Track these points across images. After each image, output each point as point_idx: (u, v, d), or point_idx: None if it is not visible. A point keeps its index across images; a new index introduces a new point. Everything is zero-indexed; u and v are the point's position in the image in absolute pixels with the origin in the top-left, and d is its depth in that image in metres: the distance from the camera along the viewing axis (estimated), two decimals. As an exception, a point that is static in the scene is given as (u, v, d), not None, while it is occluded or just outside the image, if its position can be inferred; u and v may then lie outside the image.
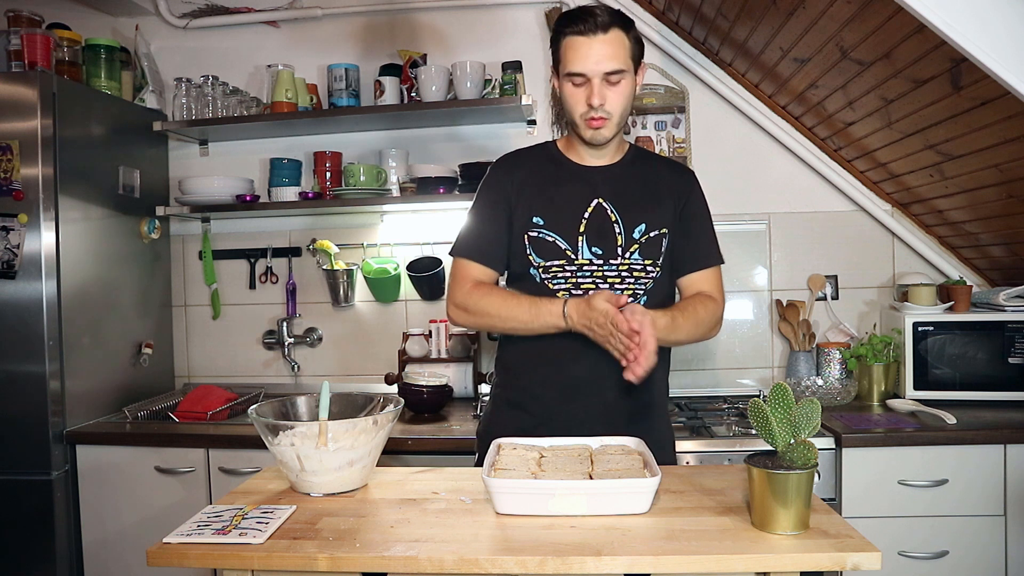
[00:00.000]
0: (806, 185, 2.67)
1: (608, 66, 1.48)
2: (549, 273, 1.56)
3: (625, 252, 1.55)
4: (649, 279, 1.57)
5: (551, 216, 1.56)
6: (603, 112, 1.50)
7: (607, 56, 1.47)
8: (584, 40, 1.47)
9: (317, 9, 2.78)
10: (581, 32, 1.47)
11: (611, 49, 1.47)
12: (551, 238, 1.56)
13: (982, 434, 1.99)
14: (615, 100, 1.51)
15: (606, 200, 1.57)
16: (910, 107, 2.01)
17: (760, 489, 1.10)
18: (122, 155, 2.57)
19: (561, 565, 1.03)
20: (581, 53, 1.48)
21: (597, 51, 1.47)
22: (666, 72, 2.69)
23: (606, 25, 1.47)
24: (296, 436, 1.29)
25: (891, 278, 2.66)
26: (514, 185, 1.61)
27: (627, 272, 1.55)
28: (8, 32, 2.32)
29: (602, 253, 1.55)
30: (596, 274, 1.55)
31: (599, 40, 1.47)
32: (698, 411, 2.38)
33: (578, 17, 1.48)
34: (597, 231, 1.55)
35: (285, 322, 2.78)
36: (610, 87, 1.50)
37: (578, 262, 1.55)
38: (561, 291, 1.55)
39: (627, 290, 1.55)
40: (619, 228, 1.56)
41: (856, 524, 1.18)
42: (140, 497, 2.25)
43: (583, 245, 1.55)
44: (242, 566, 1.09)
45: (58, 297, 2.21)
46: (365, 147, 2.80)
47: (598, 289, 1.54)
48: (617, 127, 1.55)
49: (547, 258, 1.56)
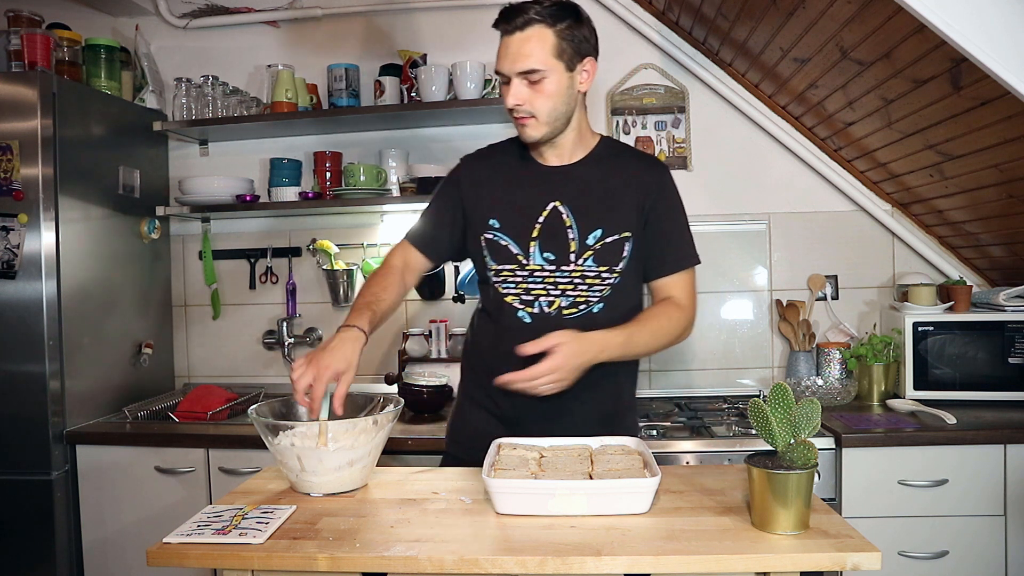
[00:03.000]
0: (806, 185, 2.67)
1: (522, 65, 1.42)
2: (500, 277, 1.54)
3: (578, 258, 1.51)
4: (605, 286, 1.52)
5: (506, 219, 1.54)
6: (524, 112, 1.46)
7: (522, 55, 1.42)
8: (505, 39, 1.45)
9: (317, 9, 2.78)
10: (504, 30, 1.45)
11: (527, 48, 1.42)
12: (504, 242, 1.54)
13: (982, 434, 1.99)
14: (538, 100, 1.45)
15: (563, 203, 1.52)
16: (910, 107, 2.01)
17: (760, 489, 1.10)
18: (122, 155, 2.57)
19: (561, 565, 1.03)
20: (501, 52, 1.46)
21: (513, 50, 1.43)
22: (666, 72, 2.69)
23: (524, 23, 1.42)
24: (296, 436, 1.29)
25: (891, 278, 2.66)
26: (472, 185, 1.60)
27: (580, 279, 1.51)
28: (8, 32, 2.32)
29: (554, 259, 1.51)
30: (547, 280, 1.52)
31: (516, 39, 1.43)
32: (698, 411, 2.37)
33: (504, 14, 1.45)
34: (551, 236, 1.51)
35: (285, 322, 2.78)
36: (531, 86, 1.44)
37: (529, 267, 1.52)
38: (511, 296, 1.53)
39: (579, 297, 1.51)
40: (573, 233, 1.51)
41: (856, 524, 1.18)
42: (140, 497, 2.25)
43: (535, 250, 1.52)
44: (242, 566, 1.09)
45: (58, 297, 2.21)
46: (365, 147, 2.80)
47: (548, 296, 1.51)
48: (547, 127, 1.48)
49: (500, 262, 1.54)
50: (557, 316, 1.52)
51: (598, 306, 1.53)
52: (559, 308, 1.52)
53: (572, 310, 1.52)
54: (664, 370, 2.71)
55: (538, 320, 1.52)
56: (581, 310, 1.52)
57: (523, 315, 1.53)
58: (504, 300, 1.54)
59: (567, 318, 1.52)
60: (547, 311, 1.52)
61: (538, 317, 1.52)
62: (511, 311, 1.54)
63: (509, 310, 1.54)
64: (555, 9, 1.44)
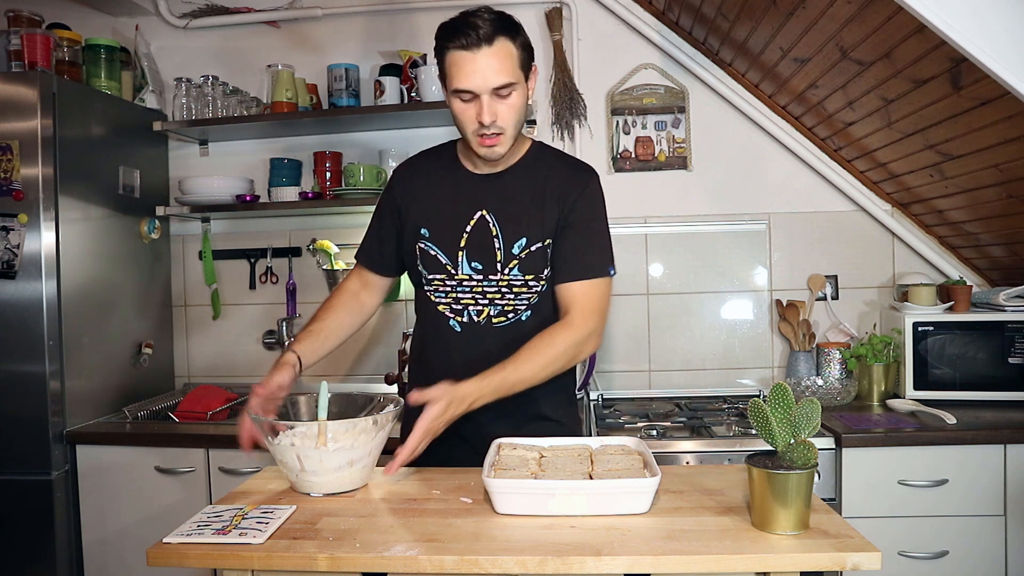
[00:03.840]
0: (806, 185, 2.67)
1: (496, 80, 1.38)
2: (432, 286, 1.55)
3: (504, 268, 1.51)
4: (533, 294, 1.52)
5: (436, 229, 1.54)
6: (495, 128, 1.42)
7: (494, 71, 1.37)
8: (469, 55, 1.37)
9: (317, 9, 2.78)
10: (465, 47, 1.36)
11: (498, 62, 1.37)
12: (434, 251, 1.54)
13: (982, 434, 1.99)
14: (507, 114, 1.42)
15: (490, 212, 1.52)
16: (910, 107, 2.01)
17: (760, 489, 1.10)
18: (122, 155, 2.57)
19: (561, 565, 1.03)
20: (466, 70, 1.37)
21: (483, 65, 1.37)
22: (666, 72, 2.69)
23: (490, 37, 1.36)
24: (296, 436, 1.29)
25: (891, 278, 2.66)
26: (407, 194, 1.60)
27: (507, 288, 1.51)
28: (8, 32, 2.32)
29: (482, 268, 1.51)
30: (476, 290, 1.52)
31: (484, 54, 1.36)
32: (698, 411, 2.37)
33: (459, 30, 1.37)
34: (478, 246, 1.51)
35: (285, 322, 2.78)
36: (500, 100, 1.41)
37: (458, 277, 1.52)
38: (442, 305, 1.55)
39: (508, 306, 1.52)
40: (499, 243, 1.51)
41: (856, 524, 1.18)
42: (140, 497, 2.25)
43: (463, 260, 1.52)
44: (242, 566, 1.09)
45: (58, 297, 2.21)
46: (365, 147, 2.80)
47: (477, 305, 1.52)
48: (512, 140, 1.47)
49: (431, 271, 1.55)
50: (487, 325, 1.53)
51: (526, 314, 1.54)
52: (488, 317, 1.53)
53: (501, 319, 1.53)
54: (664, 370, 2.71)
55: (468, 329, 1.53)
56: (510, 318, 1.53)
57: (454, 324, 1.54)
58: (437, 309, 1.56)
59: (496, 326, 1.53)
60: (476, 320, 1.53)
61: (467, 326, 1.54)
62: (443, 320, 1.55)
63: (441, 319, 1.55)
64: (508, 21, 1.41)
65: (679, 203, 2.71)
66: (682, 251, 2.71)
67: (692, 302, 2.71)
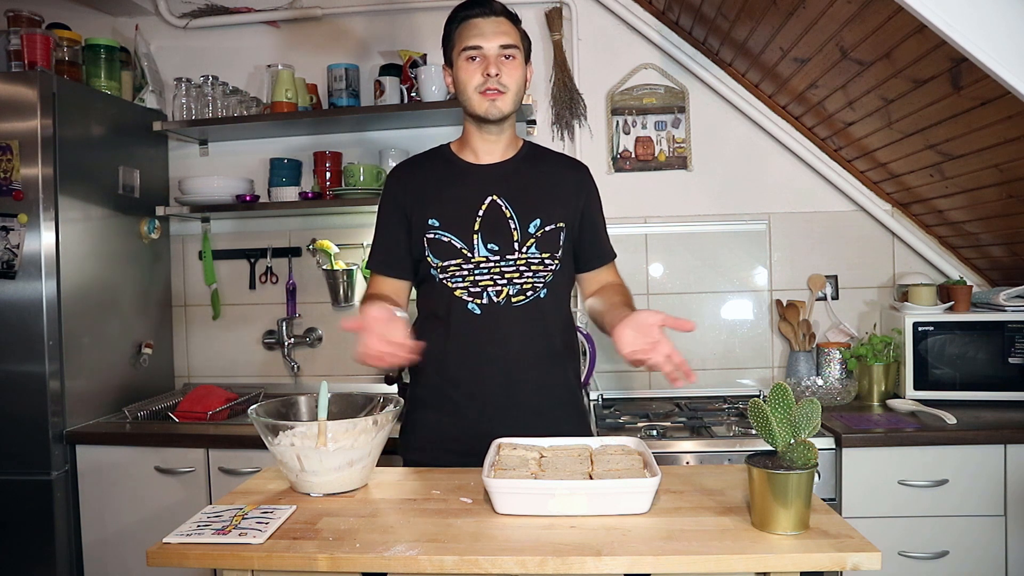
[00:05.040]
0: (806, 185, 2.67)
1: (504, 40, 1.55)
2: (447, 273, 1.57)
3: (522, 247, 1.57)
4: (548, 272, 1.59)
5: (446, 216, 1.58)
6: (500, 84, 1.54)
7: (503, 32, 1.55)
8: (481, 20, 1.55)
9: (317, 9, 2.78)
10: (477, 15, 1.56)
11: (506, 27, 1.56)
12: (447, 238, 1.57)
13: (982, 434, 1.99)
14: (511, 74, 1.55)
15: (500, 197, 1.58)
16: (910, 107, 2.01)
17: (760, 489, 1.10)
18: (122, 155, 2.57)
19: (561, 565, 1.03)
20: (477, 30, 1.55)
21: (493, 28, 1.55)
22: (666, 72, 2.69)
23: (499, 11, 1.58)
24: (296, 436, 1.29)
25: (891, 278, 2.66)
26: (408, 192, 1.63)
27: (525, 266, 1.57)
28: (8, 32, 2.32)
29: (498, 249, 1.56)
30: (493, 270, 1.56)
31: (493, 20, 1.56)
32: (698, 411, 2.37)
33: (474, 3, 1.57)
34: (492, 228, 1.57)
35: (285, 322, 2.78)
36: (505, 62, 1.55)
37: (475, 260, 1.56)
38: (459, 289, 1.57)
39: (526, 284, 1.57)
40: (514, 224, 1.57)
41: (856, 524, 1.18)
42: (140, 497, 2.25)
43: (479, 243, 1.56)
44: (242, 566, 1.09)
45: (58, 297, 2.21)
46: (365, 147, 2.80)
47: (496, 285, 1.56)
48: (513, 104, 1.57)
49: (444, 258, 1.57)
50: (506, 305, 1.56)
51: (543, 291, 1.58)
52: (507, 296, 1.56)
53: (520, 297, 1.57)
54: (664, 370, 2.71)
55: (487, 311, 1.56)
56: (528, 296, 1.57)
57: (473, 307, 1.57)
58: (453, 295, 1.57)
59: (516, 305, 1.56)
60: (496, 300, 1.56)
61: (487, 308, 1.56)
62: (460, 305, 1.57)
63: (458, 304, 1.57)
64: (513, 13, 1.61)
65: (679, 203, 2.71)
66: (682, 251, 2.71)
67: (692, 302, 2.71)
